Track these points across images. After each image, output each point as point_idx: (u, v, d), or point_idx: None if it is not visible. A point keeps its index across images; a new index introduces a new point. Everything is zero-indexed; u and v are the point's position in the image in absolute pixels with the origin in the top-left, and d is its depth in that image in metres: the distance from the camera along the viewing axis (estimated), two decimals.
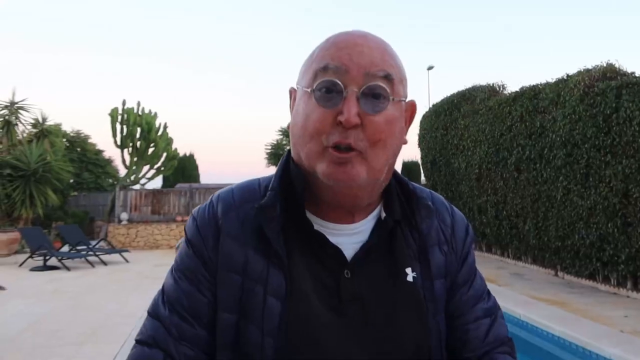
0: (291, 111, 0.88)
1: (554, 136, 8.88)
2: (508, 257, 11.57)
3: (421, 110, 15.81)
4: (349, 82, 0.78)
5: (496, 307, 0.96)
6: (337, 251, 0.85)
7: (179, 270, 0.89)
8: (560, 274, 9.46)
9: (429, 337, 0.84)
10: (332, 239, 0.86)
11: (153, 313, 0.87)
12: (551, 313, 6.29)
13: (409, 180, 0.94)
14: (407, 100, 0.86)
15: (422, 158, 16.04)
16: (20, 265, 11.83)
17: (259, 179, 0.94)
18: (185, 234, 0.91)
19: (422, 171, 16.85)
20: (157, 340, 0.84)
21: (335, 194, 0.84)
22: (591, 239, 8.16)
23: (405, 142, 0.88)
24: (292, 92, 0.90)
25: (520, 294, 7.73)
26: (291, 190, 0.87)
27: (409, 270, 0.86)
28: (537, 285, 8.58)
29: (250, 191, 0.91)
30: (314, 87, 0.80)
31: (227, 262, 0.85)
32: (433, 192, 1.01)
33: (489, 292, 0.98)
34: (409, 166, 21.57)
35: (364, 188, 0.84)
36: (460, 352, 0.90)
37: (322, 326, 0.81)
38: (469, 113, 12.24)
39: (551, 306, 6.80)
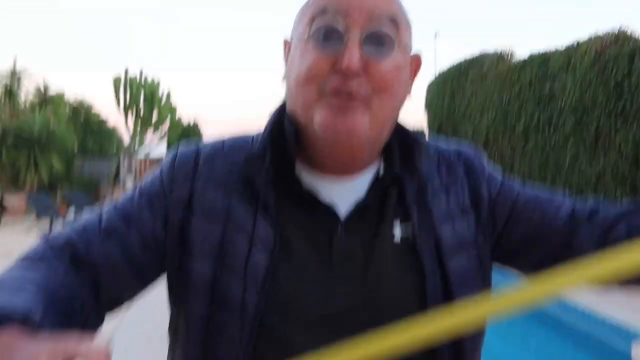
0: (286, 64, 0.81)
1: (563, 102, 8.77)
2: None
3: (428, 77, 15.64)
4: (350, 25, 0.70)
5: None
6: (329, 209, 0.78)
7: (137, 187, 0.83)
8: None
9: (423, 282, 0.77)
10: (326, 193, 0.79)
11: (77, 223, 0.80)
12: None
13: (408, 128, 0.86)
14: (412, 55, 0.81)
15: (428, 125, 15.93)
16: (26, 230, 11.92)
17: (253, 135, 0.87)
18: (160, 166, 0.85)
19: (427, 138, 16.78)
20: (67, 240, 0.76)
21: (331, 150, 0.78)
22: None
23: (410, 93, 0.82)
24: (287, 44, 0.83)
25: None
26: (283, 144, 0.80)
27: (401, 225, 0.80)
28: None
29: (241, 141, 0.85)
30: (310, 33, 0.73)
31: (206, 210, 0.78)
32: (431, 138, 0.94)
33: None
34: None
35: (364, 143, 0.77)
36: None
37: (310, 283, 0.75)
38: (477, 79, 12.09)
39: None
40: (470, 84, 12.46)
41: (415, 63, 0.83)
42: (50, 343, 0.52)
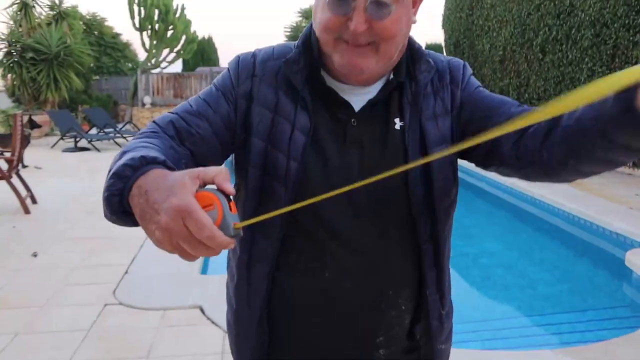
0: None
1: (583, 15, 8.60)
2: None
3: None
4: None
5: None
6: (346, 104, 1.03)
7: (214, 83, 1.08)
8: None
9: (406, 159, 1.01)
10: (344, 96, 1.03)
11: (173, 110, 1.04)
12: (564, 192, 6.54)
13: (415, 42, 1.09)
14: None
15: (445, 40, 15.65)
16: (53, 146, 12.33)
17: (294, 43, 1.10)
18: (228, 66, 1.10)
19: (444, 54, 16.50)
20: (171, 119, 1.00)
21: (348, 78, 1.01)
22: None
23: (414, 22, 1.02)
24: None
25: None
26: (312, 54, 1.04)
27: (397, 120, 1.05)
28: None
29: (286, 48, 1.09)
30: (328, 2, 0.92)
31: (262, 100, 1.03)
32: (432, 52, 1.13)
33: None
34: (431, 48, 21.00)
35: (373, 74, 1.00)
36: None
37: (333, 158, 1.02)
38: None
39: (564, 185, 7.04)
40: None
41: None
42: (187, 171, 0.72)
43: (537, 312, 4.14)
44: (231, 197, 0.73)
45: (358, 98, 1.04)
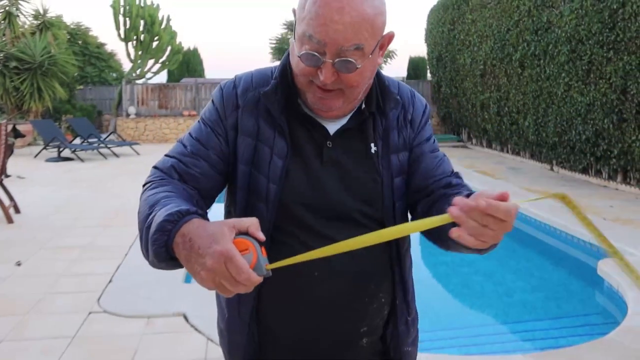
0: (294, 31, 1.15)
1: (559, 32, 8.86)
2: (507, 152, 11.92)
3: (430, 3, 15.42)
4: (326, 53, 1.01)
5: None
6: (322, 128, 1.15)
7: (202, 118, 1.20)
8: (555, 168, 9.84)
9: (381, 186, 1.17)
10: (320, 121, 1.15)
11: (170, 153, 1.17)
12: (541, 203, 6.70)
13: (385, 77, 1.22)
14: (384, 34, 1.09)
15: (428, 54, 15.92)
16: (36, 156, 12.27)
17: (272, 68, 1.22)
18: (212, 98, 1.21)
19: (427, 67, 16.76)
20: (172, 164, 1.12)
21: (318, 113, 1.13)
22: (587, 135, 8.43)
23: (380, 64, 1.15)
24: (294, 12, 1.12)
25: (515, 186, 8.14)
26: (289, 83, 1.14)
27: (372, 145, 1.18)
28: (532, 179, 8.98)
29: (264, 77, 1.19)
30: (302, 51, 1.03)
31: (245, 129, 1.14)
32: (401, 83, 1.28)
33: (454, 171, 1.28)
34: (415, 62, 21.34)
35: (341, 113, 1.13)
36: (420, 185, 1.21)
37: (309, 178, 1.13)
38: (477, 7, 12.04)
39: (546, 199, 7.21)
40: (471, 12, 12.40)
41: (388, 39, 1.13)
42: (224, 222, 0.89)
43: (513, 319, 4.27)
44: (261, 242, 0.90)
45: (332, 124, 1.16)
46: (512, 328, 4.14)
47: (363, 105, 1.17)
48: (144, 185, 1.11)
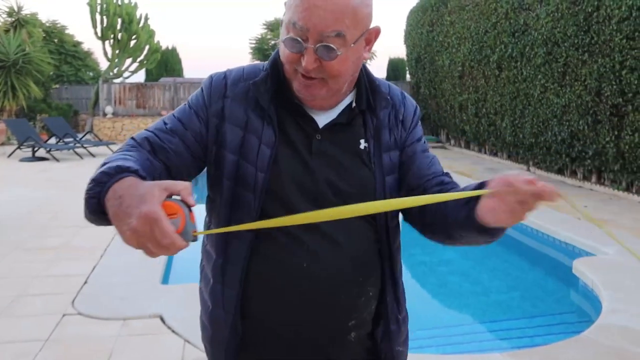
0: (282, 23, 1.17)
1: (536, 34, 8.99)
2: (485, 153, 12.05)
3: (409, 5, 15.51)
4: (308, 39, 1.03)
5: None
6: (312, 120, 1.15)
7: (187, 101, 1.20)
8: (532, 169, 9.98)
9: (374, 182, 1.17)
10: (310, 113, 1.17)
11: (149, 127, 1.17)
12: None
13: (375, 78, 1.23)
14: (370, 28, 1.11)
15: (407, 55, 16.01)
16: (9, 156, 12.03)
17: (264, 63, 1.23)
18: (202, 85, 1.22)
19: (407, 68, 16.85)
20: (146, 136, 1.13)
21: (303, 101, 1.14)
22: (562, 136, 8.57)
23: (365, 59, 1.16)
24: (285, 4, 1.14)
25: None
26: (279, 74, 1.16)
27: (362, 141, 1.19)
28: None
29: (255, 70, 1.21)
30: (284, 39, 1.06)
31: (233, 118, 1.15)
32: (391, 85, 1.29)
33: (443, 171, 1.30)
34: (394, 63, 21.44)
35: (325, 101, 1.14)
36: (415, 184, 1.22)
37: (296, 168, 1.13)
38: (456, 9, 12.14)
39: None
40: (449, 13, 12.51)
41: (375, 34, 1.14)
42: (157, 183, 0.89)
43: (490, 318, 4.31)
44: (191, 208, 0.90)
45: (322, 117, 1.17)
46: (489, 327, 4.17)
47: (354, 104, 1.18)
48: (116, 152, 1.11)
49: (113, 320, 3.53)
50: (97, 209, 0.93)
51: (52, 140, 13.19)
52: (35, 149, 11.79)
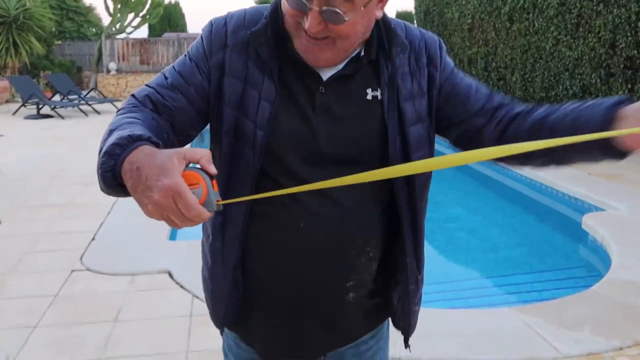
0: None
1: None
2: None
3: None
4: (313, 2, 0.93)
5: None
6: (315, 73, 1.06)
7: (187, 52, 1.12)
8: None
9: (385, 135, 1.08)
10: (313, 67, 1.07)
11: (150, 83, 1.10)
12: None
13: (391, 20, 1.12)
14: None
15: (415, 8, 15.61)
16: (14, 113, 11.99)
17: (267, 6, 1.12)
18: (201, 33, 1.13)
19: (415, 22, 16.48)
20: (147, 94, 1.07)
21: (306, 60, 1.04)
22: (574, 90, 8.39)
23: (378, 17, 1.05)
24: None
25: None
26: (279, 25, 1.06)
27: (369, 90, 1.09)
28: None
29: (257, 16, 1.11)
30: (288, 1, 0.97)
31: (233, 71, 1.07)
32: (408, 25, 1.18)
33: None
34: (402, 16, 20.99)
35: (331, 63, 1.04)
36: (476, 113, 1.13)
37: (297, 126, 1.06)
38: None
39: None
40: None
41: None
42: (175, 152, 0.83)
43: (498, 273, 4.30)
44: (213, 176, 0.84)
45: (326, 69, 1.07)
46: (497, 282, 4.17)
47: (362, 53, 1.08)
48: (118, 110, 1.05)
49: (121, 276, 3.54)
50: (113, 182, 0.87)
51: (56, 98, 13.09)
52: (40, 106, 11.72)
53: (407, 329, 1.24)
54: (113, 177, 0.86)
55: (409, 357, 2.44)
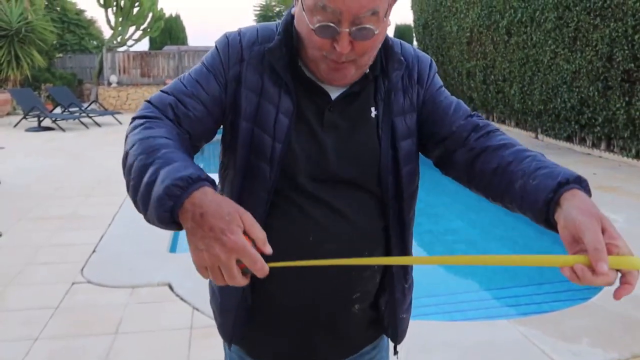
0: (295, 5, 1.09)
1: None
2: (493, 120, 11.93)
3: None
4: (342, 23, 0.96)
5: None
6: (324, 91, 1.10)
7: (203, 62, 1.14)
8: (540, 136, 9.88)
9: (379, 150, 1.13)
10: (322, 85, 1.11)
11: (167, 90, 1.10)
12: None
13: (389, 38, 1.16)
14: None
15: (414, 21, 15.72)
16: (15, 126, 12.02)
17: (276, 23, 1.16)
18: (216, 45, 1.15)
19: (414, 35, 16.58)
20: (170, 103, 1.06)
21: (330, 83, 1.08)
22: (572, 103, 8.44)
23: (389, 25, 1.09)
24: None
25: None
26: (291, 43, 1.10)
27: (372, 108, 1.14)
28: None
29: (269, 32, 1.14)
30: (315, 27, 0.98)
31: (249, 84, 1.09)
32: (403, 42, 1.22)
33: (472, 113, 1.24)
34: (401, 29, 21.13)
35: (353, 80, 1.09)
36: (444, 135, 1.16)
37: (307, 141, 1.10)
38: None
39: None
40: None
41: None
42: (237, 207, 0.85)
43: (497, 286, 4.31)
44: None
45: (334, 88, 1.11)
46: (496, 294, 4.18)
47: (367, 70, 1.11)
48: (135, 118, 1.05)
49: (122, 288, 3.55)
50: (170, 220, 0.86)
51: (58, 110, 13.14)
52: (41, 118, 11.76)
53: (395, 336, 1.27)
54: (170, 217, 0.85)
55: None
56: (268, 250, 0.85)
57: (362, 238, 1.14)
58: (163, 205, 0.85)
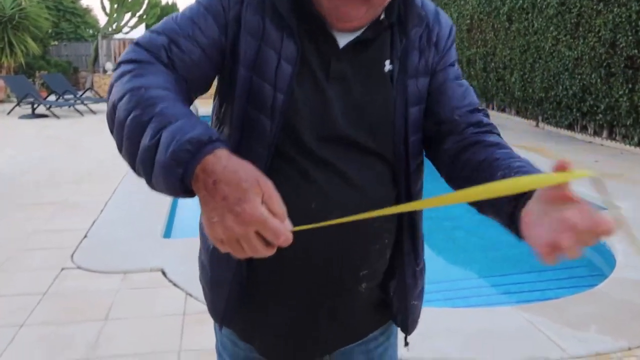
0: None
1: None
2: (493, 109, 11.80)
3: None
4: None
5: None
6: (332, 38, 0.97)
7: (198, 2, 0.99)
8: (541, 124, 9.77)
9: (394, 113, 1.00)
10: (330, 30, 0.98)
11: (159, 29, 0.96)
12: (527, 158, 6.63)
13: None
14: None
15: None
16: (9, 113, 11.88)
17: None
18: None
19: None
20: (163, 44, 0.92)
21: (335, 22, 0.96)
22: (574, 90, 8.33)
23: None
24: None
25: None
26: None
27: (387, 62, 1.01)
28: (517, 135, 8.89)
29: None
30: None
31: (248, 27, 0.96)
32: None
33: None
34: None
35: (363, 21, 0.95)
36: (441, 113, 1.05)
37: (315, 93, 0.97)
38: None
39: (528, 152, 7.15)
40: None
41: None
42: (257, 173, 0.72)
43: (499, 272, 4.22)
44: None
45: (344, 35, 0.98)
46: (499, 281, 4.09)
47: (382, 15, 0.98)
48: (121, 63, 0.91)
49: (113, 274, 3.45)
50: (181, 189, 0.75)
51: (52, 98, 12.98)
52: (35, 106, 11.61)
53: (405, 325, 1.15)
54: (182, 185, 0.74)
55: (409, 356, 2.37)
56: (288, 227, 0.72)
57: (371, 209, 1.01)
58: (171, 175, 0.73)
